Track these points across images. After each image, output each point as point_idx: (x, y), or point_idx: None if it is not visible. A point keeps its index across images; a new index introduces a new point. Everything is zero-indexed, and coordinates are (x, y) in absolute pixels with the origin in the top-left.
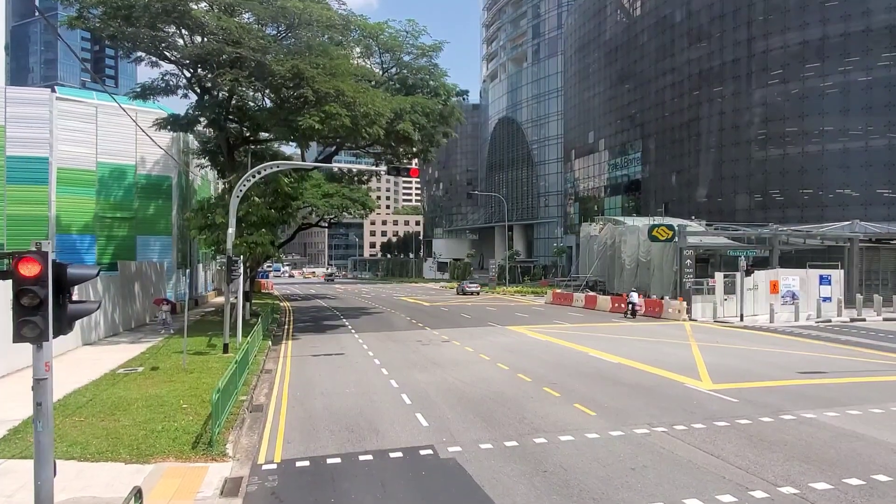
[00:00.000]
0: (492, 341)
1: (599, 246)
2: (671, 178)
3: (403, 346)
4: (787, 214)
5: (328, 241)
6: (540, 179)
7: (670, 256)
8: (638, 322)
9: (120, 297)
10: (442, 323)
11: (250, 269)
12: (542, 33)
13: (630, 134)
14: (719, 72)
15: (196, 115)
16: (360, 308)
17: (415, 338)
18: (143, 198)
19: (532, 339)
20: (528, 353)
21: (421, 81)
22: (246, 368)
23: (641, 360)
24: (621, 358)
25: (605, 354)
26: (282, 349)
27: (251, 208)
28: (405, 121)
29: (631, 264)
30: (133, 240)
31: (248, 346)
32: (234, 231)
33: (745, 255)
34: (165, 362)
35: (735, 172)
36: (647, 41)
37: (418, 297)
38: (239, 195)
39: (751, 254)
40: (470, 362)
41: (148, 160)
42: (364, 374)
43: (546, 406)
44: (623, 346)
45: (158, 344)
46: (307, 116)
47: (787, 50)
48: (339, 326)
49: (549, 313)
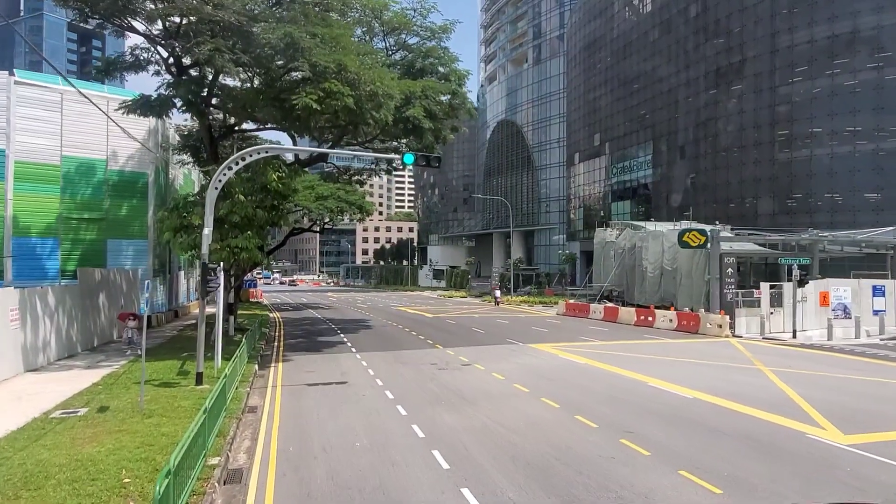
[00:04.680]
0: (521, 364)
1: (617, 253)
2: (685, 181)
3: (417, 372)
4: (814, 220)
5: (320, 248)
6: (541, 184)
7: (701, 264)
8: (677, 339)
9: (79, 310)
10: (454, 339)
11: (234, 278)
12: (543, 33)
13: (639, 136)
14: (739, 68)
15: (170, 96)
16: (358, 320)
17: (427, 359)
18: (114, 197)
19: (567, 362)
20: (572, 382)
21: (430, 66)
22: (223, 411)
23: (719, 394)
24: (691, 389)
25: (668, 384)
26: (270, 375)
27: (235, 207)
28: (415, 107)
29: (654, 272)
30: (103, 244)
31: (228, 373)
32: (210, 232)
33: (797, 262)
34: (120, 399)
35: (757, 175)
36: (658, 38)
37: (417, 306)
38: (217, 187)
39: (804, 261)
40: (505, 395)
41: (121, 154)
42: (376, 416)
43: (640, 473)
44: (680, 372)
45: (119, 370)
46: (303, 94)
47: (815, 45)
48: (337, 343)
49: (568, 327)
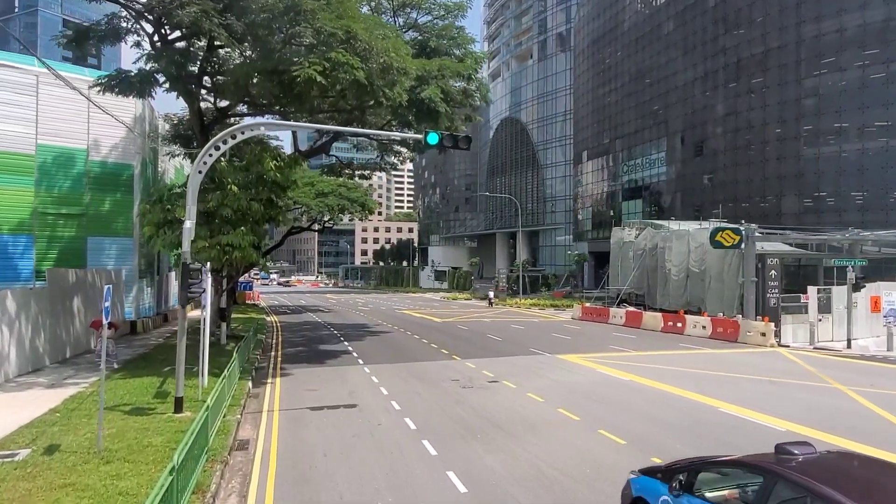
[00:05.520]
0: (556, 381)
1: (636, 253)
2: (702, 179)
3: (437, 391)
4: (844, 219)
5: (318, 248)
6: (546, 183)
7: (734, 266)
8: (718, 349)
9: (49, 316)
10: (470, 348)
11: (227, 280)
12: (548, 28)
13: (651, 132)
14: (761, 60)
15: (152, 71)
16: (361, 325)
17: (446, 373)
18: (96, 190)
19: (609, 378)
20: (626, 406)
21: (444, 46)
22: (204, 453)
23: (816, 425)
24: (776, 419)
25: (744, 410)
26: (266, 394)
27: (226, 199)
28: (431, 87)
29: (678, 275)
30: (83, 242)
31: (212, 400)
32: (193, 226)
33: (851, 264)
34: (78, 432)
35: (781, 172)
36: (673, 30)
37: (422, 309)
38: (202, 171)
39: (860, 262)
40: (552, 425)
41: (103, 143)
42: (398, 456)
43: None
44: (747, 392)
45: (87, 389)
46: (305, 66)
47: (844, 34)
48: (342, 353)
49: (590, 333)
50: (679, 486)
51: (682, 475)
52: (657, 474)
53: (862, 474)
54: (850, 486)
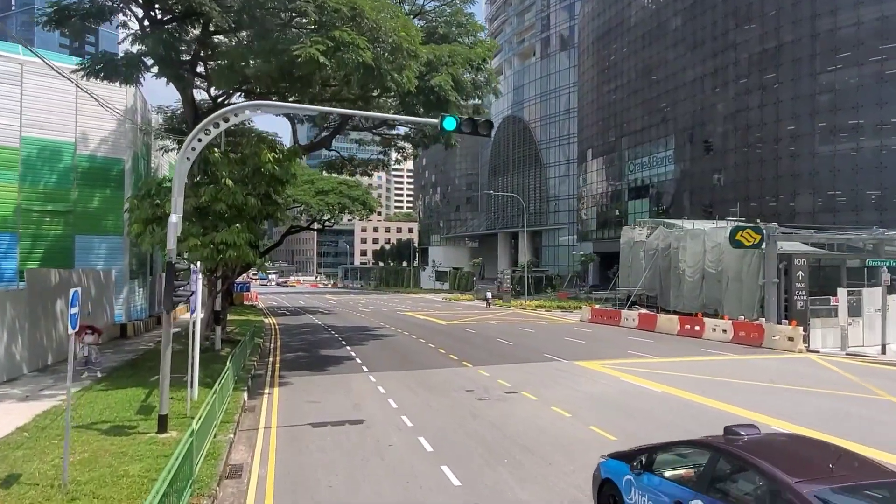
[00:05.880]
0: (580, 392)
1: (647, 253)
2: (711, 177)
3: (451, 403)
4: (861, 218)
5: (317, 248)
6: (549, 182)
7: (754, 267)
8: (745, 355)
9: (26, 320)
10: (481, 354)
11: (222, 281)
12: (551, 25)
13: (659, 130)
14: (774, 55)
15: (140, 55)
16: (363, 328)
17: (459, 382)
18: (84, 186)
19: (637, 389)
20: (664, 422)
21: (453, 33)
22: (188, 486)
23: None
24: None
25: (804, 430)
26: (263, 407)
27: (220, 193)
28: (441, 74)
29: (693, 275)
30: (70, 240)
31: (204, 413)
32: (179, 221)
33: (886, 264)
34: (44, 458)
35: (795, 170)
36: (681, 25)
37: (425, 311)
38: (190, 157)
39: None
40: (586, 445)
41: (92, 137)
42: (416, 486)
43: None
44: (798, 406)
45: (64, 404)
46: (307, 45)
47: (861, 27)
48: (344, 359)
49: (603, 337)
50: (640, 466)
51: (643, 456)
52: (623, 457)
53: (795, 450)
54: (779, 457)
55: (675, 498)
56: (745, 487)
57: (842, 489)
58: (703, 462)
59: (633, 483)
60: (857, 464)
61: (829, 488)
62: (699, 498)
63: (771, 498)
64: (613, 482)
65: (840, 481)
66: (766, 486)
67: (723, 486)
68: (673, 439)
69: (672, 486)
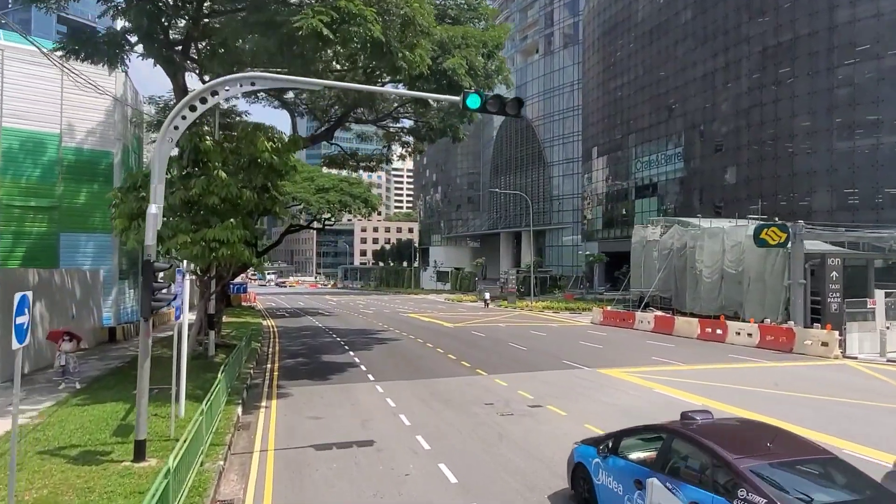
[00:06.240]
0: (613, 406)
1: (661, 253)
2: (723, 175)
3: (471, 420)
4: (881, 216)
5: (316, 249)
6: (552, 181)
7: (779, 267)
8: (781, 362)
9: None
10: (494, 360)
11: (216, 281)
12: (555, 22)
13: (668, 127)
14: (789, 48)
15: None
16: (366, 331)
17: (475, 393)
18: (70, 180)
19: (674, 402)
20: None
21: (465, 16)
22: None
23: None
24: None
25: (880, 454)
26: (259, 424)
27: (212, 185)
28: (455, 57)
29: (711, 276)
30: (55, 238)
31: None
32: (160, 212)
33: None
34: None
35: (812, 167)
36: (691, 19)
37: (428, 312)
38: (173, 138)
39: None
40: None
41: (79, 128)
42: None
43: None
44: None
45: (32, 421)
46: (308, 16)
47: (881, 19)
48: (348, 366)
49: (621, 342)
50: (606, 450)
51: (610, 441)
52: (593, 443)
53: (741, 433)
54: (725, 439)
55: (636, 477)
56: (694, 465)
57: (776, 464)
58: (660, 445)
59: (600, 465)
60: (793, 443)
61: (766, 463)
62: (655, 476)
63: (714, 473)
64: (584, 465)
65: (775, 458)
66: (711, 463)
67: (676, 465)
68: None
69: (633, 466)
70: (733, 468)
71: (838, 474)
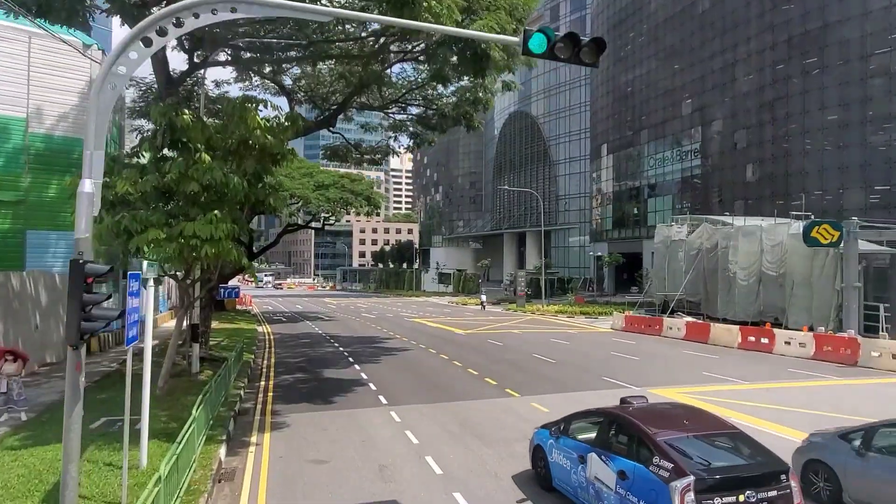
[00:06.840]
0: None
1: (688, 254)
2: (744, 171)
3: (516, 463)
4: None
5: (314, 250)
6: (558, 180)
7: (829, 269)
8: (854, 379)
9: None
10: (522, 376)
11: (201, 286)
12: (561, 15)
13: (684, 122)
14: (817, 37)
15: None
16: (371, 339)
17: (512, 422)
18: (39, 171)
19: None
20: None
21: None
22: None
23: None
24: None
25: None
26: (247, 474)
27: (192, 169)
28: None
29: (747, 279)
30: (21, 236)
31: None
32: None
33: None
34: None
35: (843, 162)
36: (708, 9)
37: (435, 317)
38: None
39: None
40: None
41: (49, 112)
42: None
43: None
44: None
45: None
46: None
47: None
48: (355, 385)
49: (656, 352)
50: (558, 432)
51: (561, 424)
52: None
53: (666, 413)
54: (650, 418)
55: (580, 452)
56: (623, 440)
57: (687, 437)
58: (600, 425)
59: (553, 445)
60: (706, 420)
61: (679, 436)
62: (594, 451)
63: (638, 446)
64: (541, 447)
65: (689, 431)
66: (635, 438)
67: (610, 441)
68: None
69: (578, 444)
70: (650, 440)
71: (741, 445)
